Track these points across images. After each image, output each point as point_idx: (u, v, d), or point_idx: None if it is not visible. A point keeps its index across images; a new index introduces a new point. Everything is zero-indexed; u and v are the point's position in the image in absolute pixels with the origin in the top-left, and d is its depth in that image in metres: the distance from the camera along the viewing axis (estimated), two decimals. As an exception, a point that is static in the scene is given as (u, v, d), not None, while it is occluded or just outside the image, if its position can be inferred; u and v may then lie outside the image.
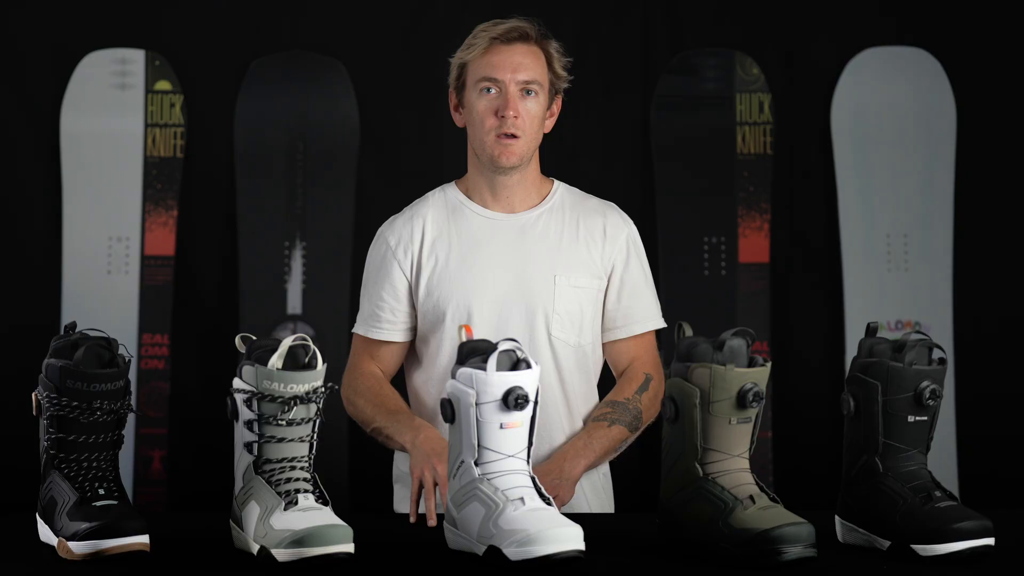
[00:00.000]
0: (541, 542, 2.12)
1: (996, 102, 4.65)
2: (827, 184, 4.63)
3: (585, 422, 2.89)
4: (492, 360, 2.22)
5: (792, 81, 4.66)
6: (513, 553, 2.12)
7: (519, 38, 2.85)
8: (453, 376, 2.27)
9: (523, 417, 2.25)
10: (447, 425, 2.31)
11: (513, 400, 2.21)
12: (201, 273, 4.57)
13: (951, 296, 4.58)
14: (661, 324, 2.96)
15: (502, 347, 2.24)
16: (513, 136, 2.81)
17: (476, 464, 2.23)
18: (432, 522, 2.57)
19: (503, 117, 2.80)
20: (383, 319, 2.89)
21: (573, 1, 4.60)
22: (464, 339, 2.34)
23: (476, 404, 2.22)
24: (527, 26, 2.86)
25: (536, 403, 2.26)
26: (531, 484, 2.24)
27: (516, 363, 2.25)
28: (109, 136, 4.54)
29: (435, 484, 2.61)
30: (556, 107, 2.92)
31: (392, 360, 2.94)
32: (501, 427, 2.23)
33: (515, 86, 2.81)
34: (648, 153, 4.63)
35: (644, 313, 2.92)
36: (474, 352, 2.28)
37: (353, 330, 2.96)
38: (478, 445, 2.23)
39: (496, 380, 2.22)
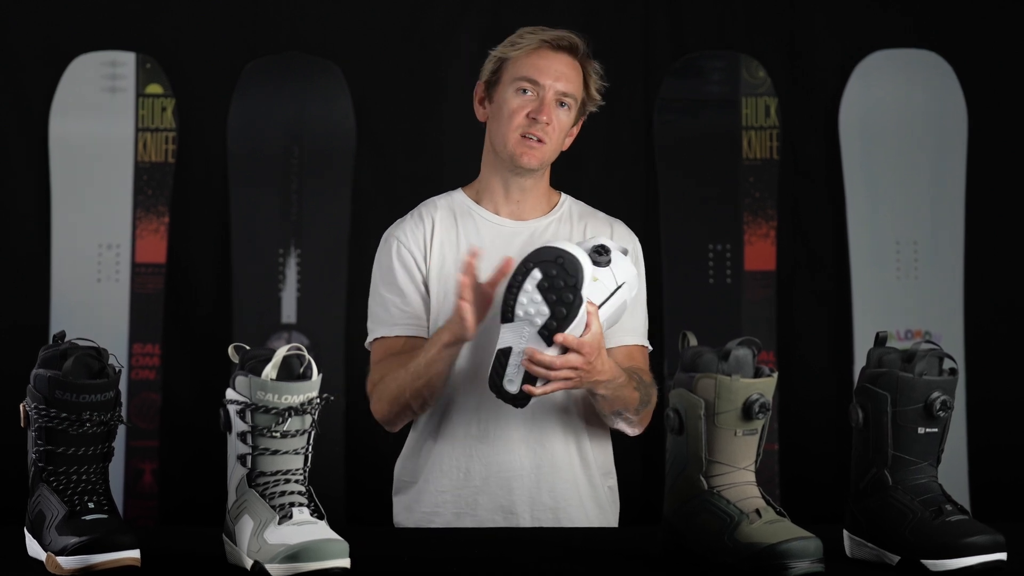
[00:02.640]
0: None
1: (1008, 106, 4.65)
2: (835, 190, 4.63)
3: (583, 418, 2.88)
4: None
5: (799, 84, 4.67)
6: None
7: (568, 48, 2.89)
8: None
9: (598, 274, 2.57)
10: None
11: (596, 252, 2.58)
12: (193, 281, 4.57)
13: (962, 304, 4.59)
14: (645, 343, 2.93)
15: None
16: (539, 141, 2.83)
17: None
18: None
19: (535, 119, 2.82)
20: (412, 315, 2.87)
21: (575, 3, 4.60)
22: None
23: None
24: (578, 40, 2.90)
25: (618, 288, 2.62)
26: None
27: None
28: (99, 140, 4.54)
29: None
30: (577, 127, 2.94)
31: None
32: (595, 280, 2.57)
33: (553, 93, 2.84)
34: (651, 157, 4.63)
35: (637, 327, 2.89)
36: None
37: (369, 341, 2.91)
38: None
39: (595, 239, 2.64)
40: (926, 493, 2.25)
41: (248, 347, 2.24)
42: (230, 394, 2.20)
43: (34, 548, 2.24)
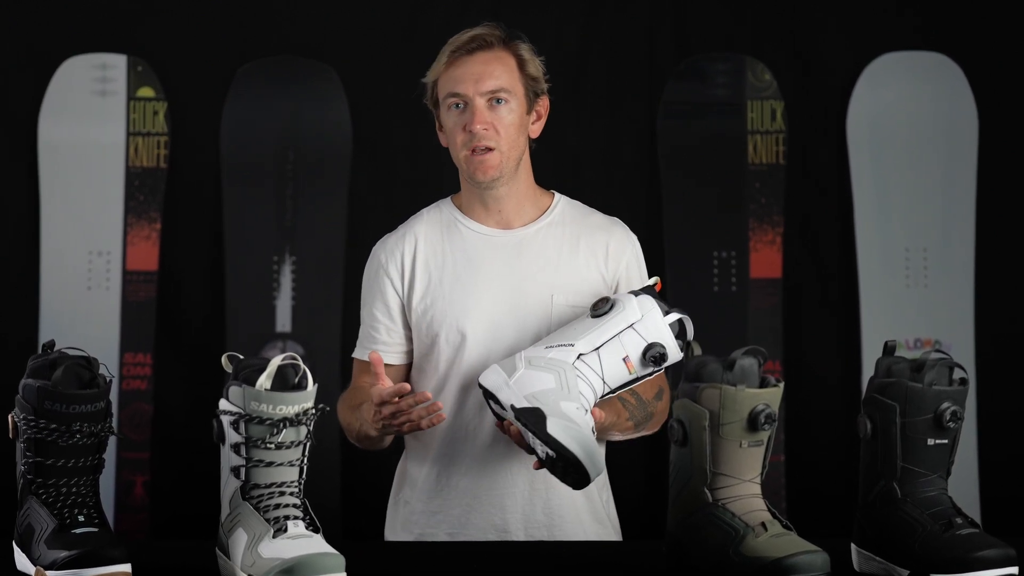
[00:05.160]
0: None
1: (1020, 110, 4.65)
2: (842, 196, 4.63)
3: None
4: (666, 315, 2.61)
5: (806, 87, 4.67)
6: None
7: (480, 47, 2.85)
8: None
9: (640, 374, 2.59)
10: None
11: (652, 355, 2.56)
12: (186, 289, 4.56)
13: (972, 313, 4.58)
14: None
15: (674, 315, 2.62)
16: (487, 149, 2.81)
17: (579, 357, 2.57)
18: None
19: (472, 132, 2.81)
20: (378, 340, 2.89)
21: (576, 3, 4.60)
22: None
23: (632, 325, 2.58)
24: (487, 32, 2.86)
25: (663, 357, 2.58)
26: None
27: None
28: (89, 145, 4.54)
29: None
30: (542, 109, 2.91)
31: None
32: (624, 359, 2.57)
33: (481, 98, 2.81)
34: (654, 163, 4.63)
35: None
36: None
37: (352, 355, 2.96)
38: (596, 348, 2.57)
39: (667, 328, 2.59)
40: (936, 506, 2.25)
41: (242, 356, 2.24)
42: (223, 405, 2.20)
43: (23, 562, 2.24)
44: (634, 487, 4.34)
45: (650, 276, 2.92)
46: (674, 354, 2.58)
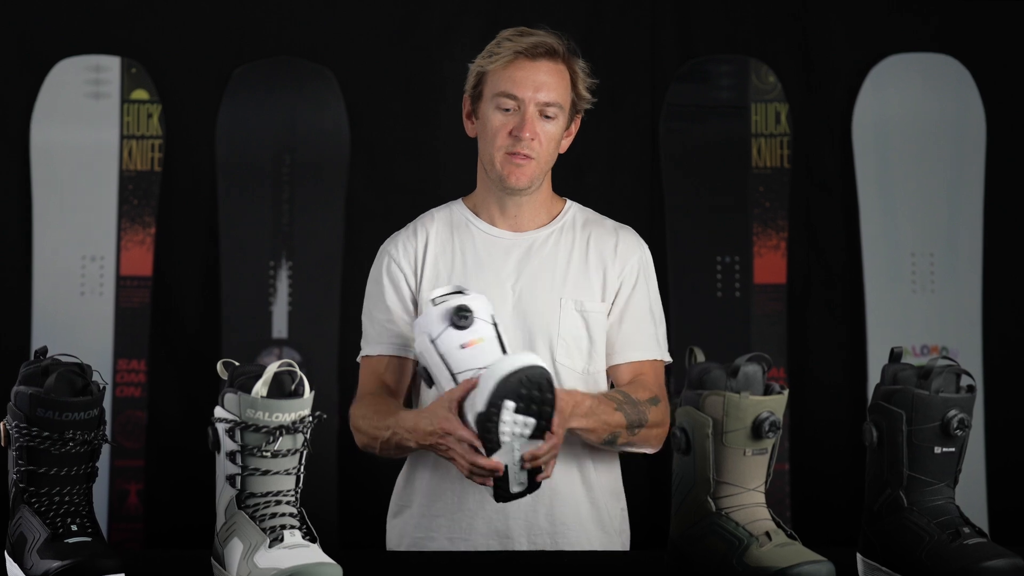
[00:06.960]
0: None
1: (1028, 112, 4.66)
2: (848, 200, 4.63)
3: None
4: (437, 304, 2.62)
5: (811, 90, 4.67)
6: None
7: (545, 54, 2.84)
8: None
9: (478, 333, 2.59)
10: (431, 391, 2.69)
11: (458, 317, 2.57)
12: (180, 294, 4.57)
13: (980, 319, 4.58)
14: (662, 357, 2.93)
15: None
16: (526, 157, 2.82)
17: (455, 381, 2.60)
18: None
19: (518, 137, 2.80)
20: (396, 333, 2.88)
21: (578, 3, 4.61)
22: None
23: (432, 341, 2.60)
24: (555, 42, 2.85)
25: (495, 324, 2.62)
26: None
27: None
28: (82, 148, 4.54)
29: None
30: (574, 127, 2.92)
31: (408, 381, 2.90)
32: (462, 347, 2.58)
33: (534, 106, 2.81)
34: (657, 166, 4.63)
35: (645, 341, 2.90)
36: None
37: (359, 357, 2.94)
38: (451, 375, 2.59)
39: (436, 310, 2.60)
40: (943, 515, 2.25)
41: (237, 363, 2.24)
42: (219, 412, 2.20)
43: (15, 572, 2.24)
44: (637, 496, 4.33)
45: (658, 284, 2.94)
46: (471, 300, 2.63)
